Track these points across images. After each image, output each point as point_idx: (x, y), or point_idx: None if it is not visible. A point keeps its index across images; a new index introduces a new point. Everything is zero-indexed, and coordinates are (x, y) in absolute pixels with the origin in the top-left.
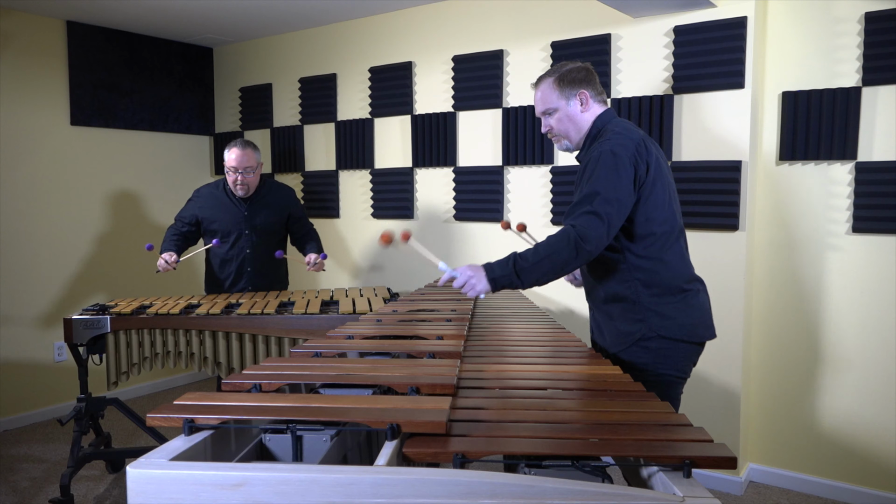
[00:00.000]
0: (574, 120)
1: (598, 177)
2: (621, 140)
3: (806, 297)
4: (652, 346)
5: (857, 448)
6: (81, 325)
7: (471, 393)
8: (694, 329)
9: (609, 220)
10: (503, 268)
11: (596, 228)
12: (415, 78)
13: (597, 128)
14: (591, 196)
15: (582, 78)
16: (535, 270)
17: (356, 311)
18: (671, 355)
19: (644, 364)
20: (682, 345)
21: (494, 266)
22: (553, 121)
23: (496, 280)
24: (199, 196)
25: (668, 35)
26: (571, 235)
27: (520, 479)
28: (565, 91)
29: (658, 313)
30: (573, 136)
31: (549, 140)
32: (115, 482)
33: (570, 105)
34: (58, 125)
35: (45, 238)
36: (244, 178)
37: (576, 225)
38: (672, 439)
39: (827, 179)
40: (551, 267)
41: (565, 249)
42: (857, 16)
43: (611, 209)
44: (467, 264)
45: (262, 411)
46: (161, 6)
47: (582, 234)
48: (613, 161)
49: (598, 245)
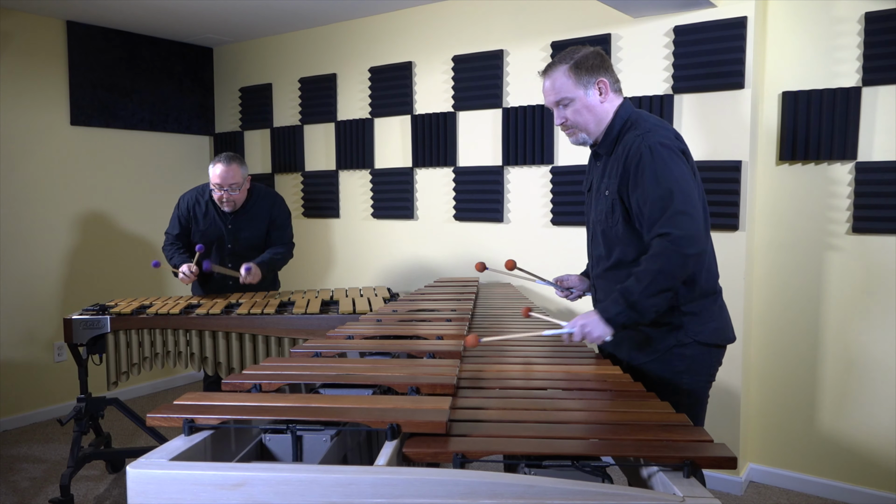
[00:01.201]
0: (593, 111)
1: (664, 174)
2: (663, 132)
3: (806, 297)
4: (687, 354)
5: (857, 448)
6: (81, 325)
7: (471, 393)
8: (724, 332)
9: (696, 213)
10: (616, 304)
11: (690, 227)
12: (415, 78)
13: (622, 119)
14: (667, 196)
15: (598, 64)
16: (646, 297)
17: (356, 311)
18: (705, 361)
19: (677, 373)
20: (715, 349)
21: (607, 307)
22: (569, 112)
23: (612, 319)
24: (184, 203)
25: (668, 35)
26: (669, 247)
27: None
28: (583, 79)
29: (696, 317)
30: (592, 128)
31: (549, 140)
32: (115, 482)
33: (588, 95)
34: (58, 125)
35: (45, 238)
36: (230, 195)
37: (670, 232)
38: (672, 439)
39: (827, 179)
40: (663, 286)
41: (670, 263)
42: (857, 16)
43: (692, 201)
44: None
45: (262, 411)
46: (161, 6)
47: (679, 240)
48: (669, 154)
49: (699, 244)
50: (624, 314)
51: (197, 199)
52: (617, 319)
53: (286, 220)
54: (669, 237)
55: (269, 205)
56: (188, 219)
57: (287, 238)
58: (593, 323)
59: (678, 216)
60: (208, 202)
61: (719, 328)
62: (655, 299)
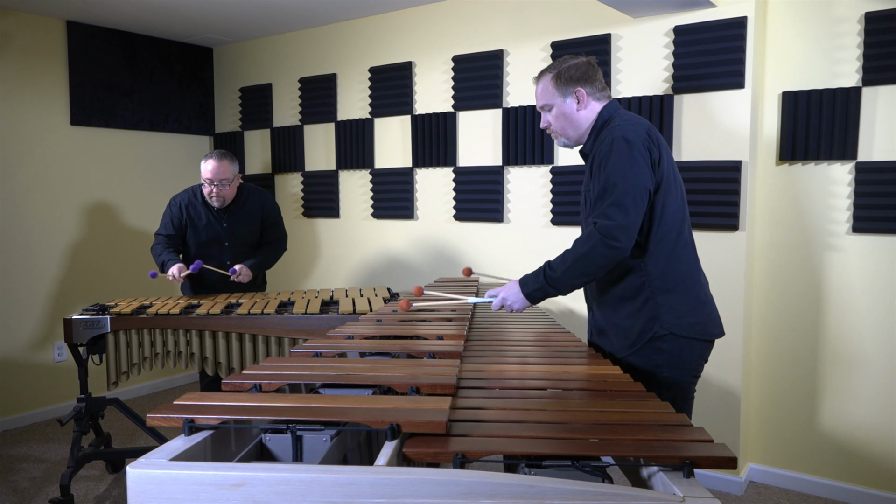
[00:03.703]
0: (570, 118)
1: (615, 166)
2: (631, 126)
3: (806, 297)
4: (664, 347)
5: (857, 448)
6: (81, 325)
7: (471, 393)
8: (705, 327)
9: (635, 208)
10: (536, 280)
11: (622, 219)
12: (415, 78)
13: (602, 118)
14: (610, 188)
15: (580, 76)
16: (566, 277)
17: (356, 311)
18: (684, 355)
19: (657, 366)
20: (696, 343)
21: (528, 280)
22: (551, 117)
23: (531, 295)
24: (177, 205)
25: (668, 35)
26: (595, 235)
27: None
28: (561, 88)
29: (671, 310)
30: (570, 133)
31: (549, 140)
32: (115, 482)
33: (566, 103)
34: (58, 125)
35: (45, 238)
36: (220, 190)
37: (598, 222)
38: (672, 439)
39: (827, 179)
40: (584, 270)
41: (594, 250)
42: (857, 16)
43: (634, 197)
44: (504, 286)
45: (262, 411)
46: (161, 6)
47: (608, 231)
48: (628, 147)
49: (628, 238)
50: (541, 291)
51: (190, 200)
52: (535, 295)
53: (278, 216)
54: (598, 226)
55: (260, 202)
56: (182, 220)
57: (280, 233)
58: (514, 295)
59: (613, 207)
60: (202, 203)
61: (698, 323)
62: (574, 280)
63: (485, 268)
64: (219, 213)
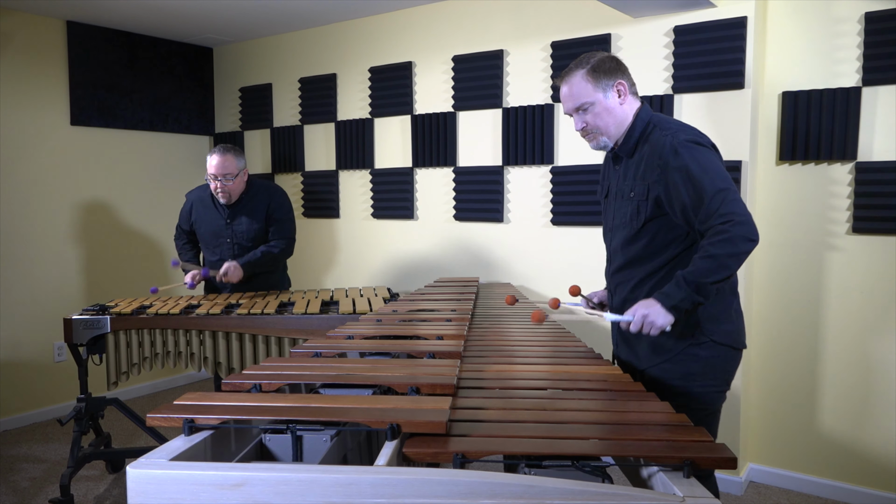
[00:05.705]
0: (613, 113)
1: (707, 168)
2: (693, 130)
3: (806, 297)
4: (702, 355)
5: (857, 448)
6: (81, 325)
7: (471, 393)
8: (739, 335)
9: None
10: (678, 290)
11: (749, 215)
12: (415, 78)
13: (643, 121)
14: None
15: (615, 67)
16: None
17: (356, 311)
18: (720, 363)
19: (690, 375)
20: (731, 351)
21: (670, 293)
22: (589, 116)
23: (677, 306)
24: (190, 199)
25: (668, 35)
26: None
27: (520, 479)
28: (602, 82)
29: (711, 317)
30: (612, 130)
31: (549, 140)
32: (115, 482)
33: (607, 97)
34: (58, 125)
35: (45, 238)
36: (224, 185)
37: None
38: (672, 439)
39: (827, 179)
40: (732, 268)
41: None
42: (857, 16)
43: (736, 192)
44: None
45: (262, 411)
46: (161, 6)
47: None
48: (702, 149)
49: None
50: (689, 299)
51: (200, 195)
52: (681, 305)
53: (285, 215)
54: (734, 223)
55: (266, 198)
56: (190, 216)
57: (285, 233)
58: (655, 312)
59: (733, 203)
60: (211, 198)
61: (734, 330)
62: (721, 283)
63: (485, 267)
64: (224, 209)
